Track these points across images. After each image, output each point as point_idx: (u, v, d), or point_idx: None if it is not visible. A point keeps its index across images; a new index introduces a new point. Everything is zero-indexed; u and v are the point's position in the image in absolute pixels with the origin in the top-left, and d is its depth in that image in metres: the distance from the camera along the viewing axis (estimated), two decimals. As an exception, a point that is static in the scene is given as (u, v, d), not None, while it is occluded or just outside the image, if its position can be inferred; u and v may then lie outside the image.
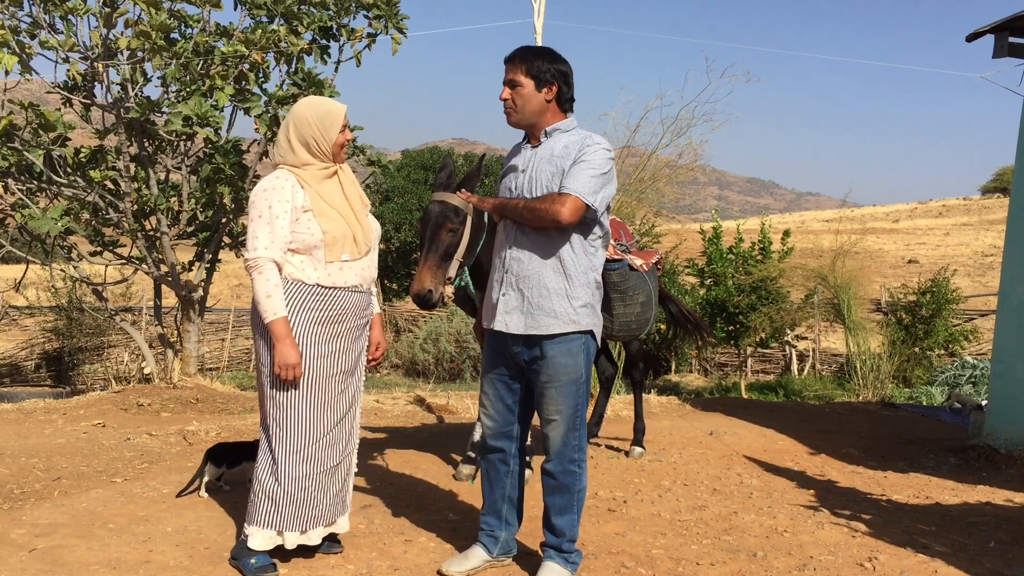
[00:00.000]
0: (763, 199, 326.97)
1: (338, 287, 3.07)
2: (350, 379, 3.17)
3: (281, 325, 2.93)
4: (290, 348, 2.93)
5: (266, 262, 2.94)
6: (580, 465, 3.07)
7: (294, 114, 3.09)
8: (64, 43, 5.84)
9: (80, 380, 14.95)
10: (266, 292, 2.93)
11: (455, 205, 3.90)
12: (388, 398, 7.67)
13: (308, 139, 3.04)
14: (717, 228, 14.63)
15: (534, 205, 2.93)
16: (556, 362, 2.99)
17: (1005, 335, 5.70)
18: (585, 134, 3.06)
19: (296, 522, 3.05)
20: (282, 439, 3.02)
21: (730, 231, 15.31)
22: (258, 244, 2.95)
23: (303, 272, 3.01)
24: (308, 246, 3.01)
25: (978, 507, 4.38)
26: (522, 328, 3.01)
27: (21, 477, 4.36)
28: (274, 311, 2.92)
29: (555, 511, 3.09)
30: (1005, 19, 5.58)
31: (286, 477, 3.01)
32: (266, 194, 2.99)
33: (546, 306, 2.98)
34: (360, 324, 3.19)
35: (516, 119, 3.07)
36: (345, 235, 3.07)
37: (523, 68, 2.99)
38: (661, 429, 6.24)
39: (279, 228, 2.96)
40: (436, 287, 3.77)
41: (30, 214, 6.21)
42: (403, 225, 25.30)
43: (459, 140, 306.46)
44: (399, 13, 6.89)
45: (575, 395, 3.03)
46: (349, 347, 3.14)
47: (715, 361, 18.16)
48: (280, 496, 3.01)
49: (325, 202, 3.05)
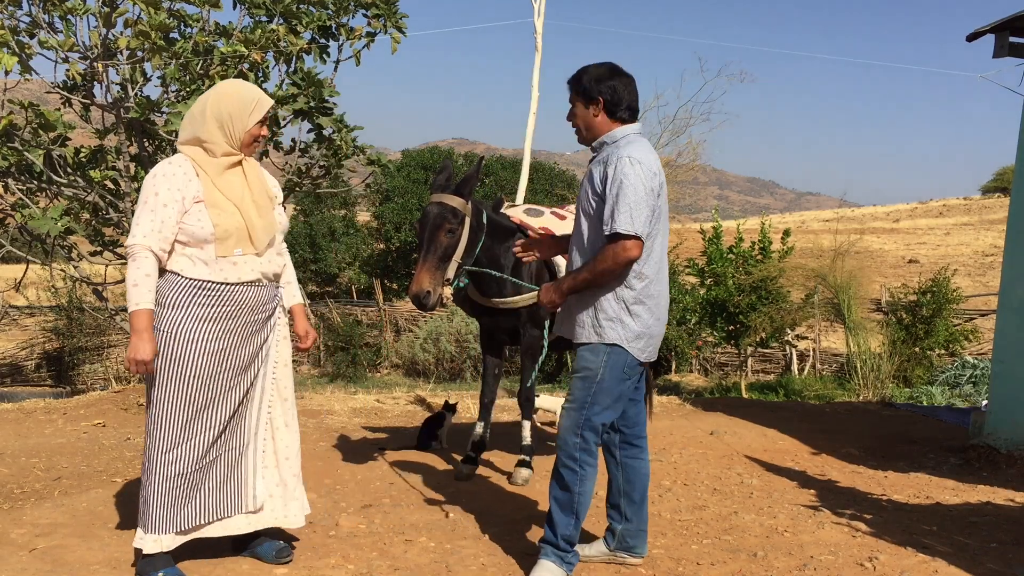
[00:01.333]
0: (763, 199, 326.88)
1: (231, 283, 2.92)
2: (243, 375, 3.01)
3: (142, 317, 2.77)
4: (145, 342, 2.78)
5: (142, 250, 2.78)
6: (582, 467, 3.07)
7: (218, 88, 2.95)
8: (63, 43, 5.83)
9: (80, 380, 14.93)
10: (133, 280, 2.78)
11: (453, 206, 3.88)
12: (388, 398, 7.66)
13: (224, 116, 2.88)
14: (717, 228, 14.62)
15: (598, 268, 3.00)
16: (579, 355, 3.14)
17: (1005, 335, 5.70)
18: (621, 145, 3.10)
19: (172, 522, 2.89)
20: (158, 438, 2.88)
21: (730, 231, 15.30)
22: (137, 231, 2.79)
23: (192, 266, 2.87)
24: (197, 239, 2.85)
25: (979, 507, 4.37)
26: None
27: (21, 477, 4.36)
28: (137, 301, 2.77)
29: (556, 507, 3.11)
30: (1005, 19, 5.57)
31: (160, 476, 2.87)
32: (155, 180, 2.83)
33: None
34: (259, 319, 3.03)
35: (582, 137, 3.24)
36: (240, 229, 2.90)
37: (574, 90, 3.18)
38: (661, 429, 6.23)
39: (164, 217, 2.80)
40: (434, 288, 3.76)
41: (30, 214, 6.20)
42: (403, 225, 25.28)
43: (459, 140, 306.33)
44: (398, 12, 6.87)
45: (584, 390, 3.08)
46: (242, 343, 2.99)
47: (715, 361, 18.15)
48: (154, 496, 2.87)
49: (220, 193, 2.88)
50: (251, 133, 2.95)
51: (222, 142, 2.91)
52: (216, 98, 2.91)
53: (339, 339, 17.94)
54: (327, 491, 4.22)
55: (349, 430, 5.86)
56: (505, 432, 5.75)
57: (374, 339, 18.63)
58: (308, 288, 23.82)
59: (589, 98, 3.13)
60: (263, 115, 2.96)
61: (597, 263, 2.99)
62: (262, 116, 2.96)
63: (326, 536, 3.53)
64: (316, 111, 6.44)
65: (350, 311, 19.79)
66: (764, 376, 17.37)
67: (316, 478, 4.45)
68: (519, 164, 18.17)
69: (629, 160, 2.99)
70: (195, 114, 2.92)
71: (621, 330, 3.05)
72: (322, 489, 4.24)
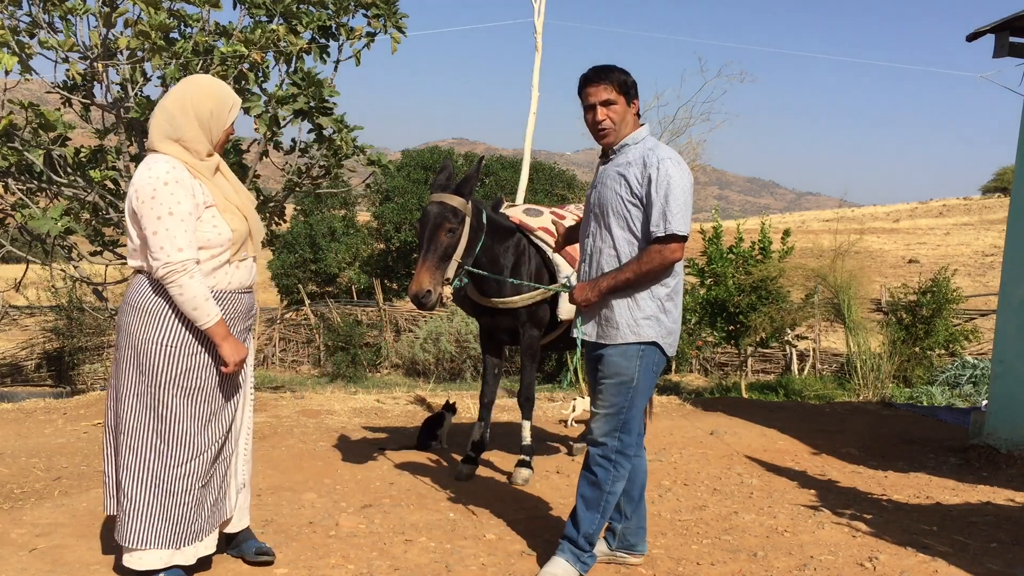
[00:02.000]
0: (763, 199, 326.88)
1: (231, 290, 2.87)
2: (238, 387, 2.99)
3: (222, 326, 2.76)
4: (234, 344, 2.79)
5: (192, 264, 2.69)
6: (616, 467, 3.07)
7: (193, 84, 2.81)
8: (64, 43, 5.83)
9: (80, 380, 14.93)
10: (204, 295, 2.71)
11: (453, 206, 3.88)
12: (388, 398, 7.66)
13: (204, 114, 2.76)
14: (717, 228, 14.61)
15: (644, 269, 2.99)
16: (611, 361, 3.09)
17: (1005, 335, 5.70)
18: (649, 147, 3.08)
19: (175, 538, 2.83)
20: (165, 453, 2.79)
21: (730, 231, 15.29)
22: (178, 244, 2.66)
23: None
24: (213, 245, 2.77)
25: (979, 507, 4.37)
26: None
27: (21, 477, 4.36)
28: (212, 314, 2.73)
29: (582, 502, 3.10)
30: (1005, 19, 5.57)
31: (167, 493, 2.80)
32: (170, 189, 2.67)
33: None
34: (246, 327, 3.00)
35: (615, 137, 3.12)
36: (245, 232, 2.87)
37: (615, 86, 3.06)
38: (661, 429, 6.23)
39: (193, 227, 2.71)
40: (434, 288, 3.76)
41: (30, 214, 6.20)
42: (403, 225, 25.28)
43: (459, 140, 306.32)
44: (398, 12, 6.88)
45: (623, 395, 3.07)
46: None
47: (715, 361, 18.15)
48: (159, 513, 2.79)
49: (224, 197, 2.82)
50: (226, 132, 2.87)
51: (204, 142, 2.80)
52: (192, 95, 2.78)
53: (339, 339, 17.94)
54: (327, 491, 4.22)
55: (349, 430, 5.86)
56: (505, 432, 5.75)
57: (374, 339, 18.63)
58: (308, 288, 23.80)
59: (631, 96, 3.09)
60: (237, 114, 2.91)
61: (642, 263, 2.99)
62: (236, 115, 2.90)
63: (326, 536, 3.53)
64: (316, 111, 6.44)
65: (350, 311, 19.78)
66: (764, 376, 17.36)
67: (316, 478, 4.45)
68: (519, 164, 18.17)
69: (672, 161, 3.01)
70: (174, 112, 2.77)
71: (658, 327, 3.07)
72: (322, 489, 4.24)
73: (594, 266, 3.15)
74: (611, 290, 3.05)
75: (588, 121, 3.14)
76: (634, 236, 3.06)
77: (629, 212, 3.04)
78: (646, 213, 3.01)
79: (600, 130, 3.11)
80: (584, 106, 3.14)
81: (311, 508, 3.91)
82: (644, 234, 3.04)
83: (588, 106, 3.11)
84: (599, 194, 3.15)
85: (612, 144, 3.13)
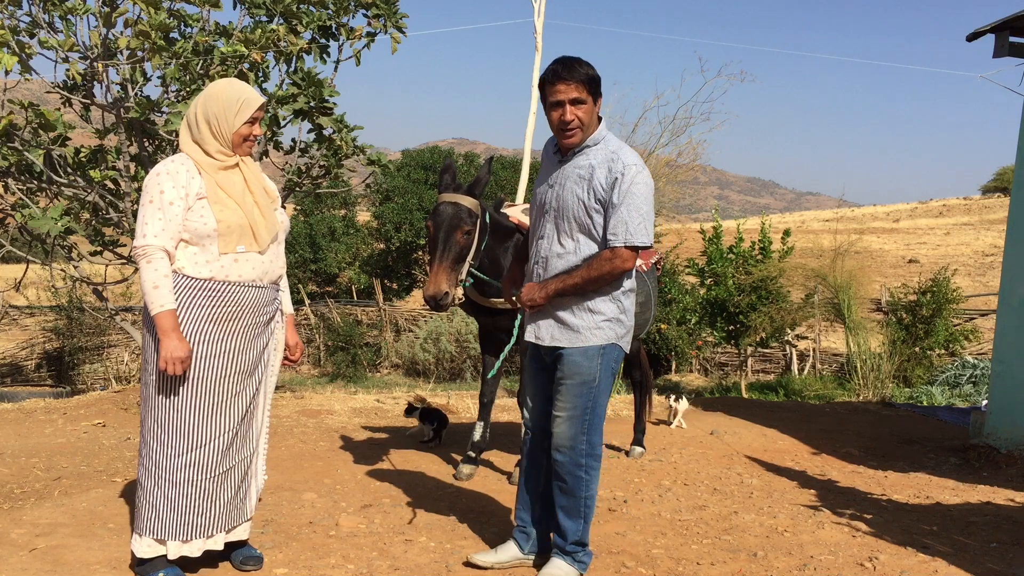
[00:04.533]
0: (763, 199, 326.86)
1: (232, 282, 2.88)
2: (249, 379, 2.98)
3: (168, 317, 2.75)
4: (177, 341, 2.75)
5: (156, 250, 2.76)
6: (588, 472, 3.05)
7: (209, 88, 2.94)
8: (64, 43, 5.83)
9: (80, 380, 14.92)
10: (153, 282, 2.75)
11: (468, 207, 3.86)
12: (388, 398, 7.66)
13: (210, 117, 2.87)
14: (717, 228, 14.62)
15: (593, 276, 2.91)
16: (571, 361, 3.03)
17: (1005, 335, 5.70)
18: (612, 148, 2.99)
19: (178, 530, 2.86)
20: (166, 443, 2.84)
21: (730, 231, 15.30)
22: (147, 231, 2.77)
23: (194, 265, 2.84)
24: (200, 235, 2.83)
25: (979, 507, 4.37)
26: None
27: (21, 477, 4.36)
28: (161, 303, 2.75)
29: (562, 513, 3.09)
30: (1005, 18, 5.57)
31: (168, 483, 2.84)
32: (159, 178, 2.81)
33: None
34: (260, 321, 3.00)
35: (580, 138, 2.99)
36: (242, 226, 2.88)
37: (585, 86, 2.92)
38: (661, 429, 6.24)
39: (171, 215, 2.78)
40: (451, 289, 3.76)
41: (30, 214, 6.20)
42: (403, 225, 25.27)
43: (459, 140, 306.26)
44: (398, 12, 6.87)
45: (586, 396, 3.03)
46: (247, 346, 2.95)
47: (715, 361, 18.15)
48: (161, 502, 2.85)
49: (222, 190, 2.88)
50: (240, 133, 2.91)
51: (214, 142, 2.90)
52: (205, 99, 2.92)
53: (339, 339, 17.94)
54: (327, 491, 4.22)
55: (349, 430, 5.86)
56: (505, 432, 5.75)
57: (374, 339, 18.63)
58: (308, 288, 23.77)
59: (598, 95, 2.98)
60: (251, 115, 2.91)
61: (591, 270, 2.93)
62: (250, 116, 2.90)
63: (326, 536, 3.53)
64: (316, 111, 6.44)
65: (350, 311, 19.78)
66: (764, 376, 17.36)
67: (316, 478, 4.45)
68: (519, 164, 18.16)
69: (637, 168, 2.93)
70: (190, 116, 2.93)
71: (619, 328, 3.05)
72: (322, 489, 4.24)
73: (549, 270, 3.04)
74: (559, 293, 2.98)
75: (554, 119, 2.96)
76: (593, 241, 2.97)
77: (591, 218, 2.95)
78: (606, 218, 2.92)
79: (568, 130, 2.96)
80: (550, 103, 2.96)
81: (311, 508, 3.91)
82: (603, 240, 2.95)
83: (555, 103, 2.94)
84: (557, 196, 3.02)
85: (576, 145, 3.01)
